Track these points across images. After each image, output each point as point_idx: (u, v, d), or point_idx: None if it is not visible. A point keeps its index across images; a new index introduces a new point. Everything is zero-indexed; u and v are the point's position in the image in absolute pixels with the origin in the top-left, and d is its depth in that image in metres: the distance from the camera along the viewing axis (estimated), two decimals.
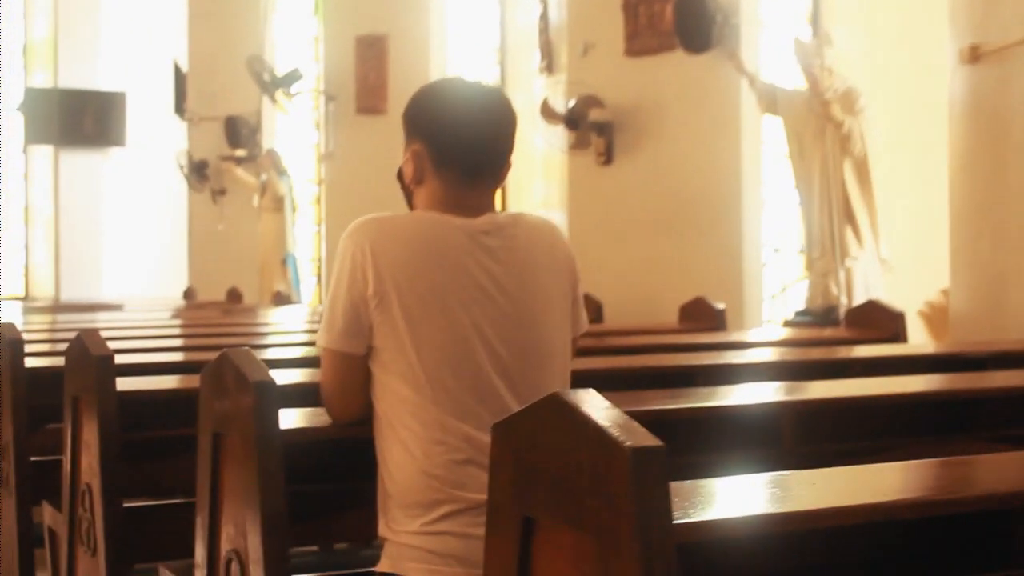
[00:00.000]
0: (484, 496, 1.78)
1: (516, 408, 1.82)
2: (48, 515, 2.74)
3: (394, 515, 1.84)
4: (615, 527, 1.14)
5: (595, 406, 1.22)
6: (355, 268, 1.84)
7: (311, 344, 4.18)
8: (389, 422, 1.85)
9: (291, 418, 1.95)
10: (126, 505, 2.36)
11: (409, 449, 1.82)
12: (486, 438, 1.79)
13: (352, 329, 1.85)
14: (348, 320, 1.85)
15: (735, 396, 2.48)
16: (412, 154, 1.92)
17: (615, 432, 1.16)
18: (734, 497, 1.33)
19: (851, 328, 4.51)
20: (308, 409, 2.01)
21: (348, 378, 1.88)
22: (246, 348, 1.90)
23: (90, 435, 2.42)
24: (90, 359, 2.38)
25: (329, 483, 2.00)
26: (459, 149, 1.88)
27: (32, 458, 2.89)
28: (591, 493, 1.18)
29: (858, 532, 1.41)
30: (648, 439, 1.16)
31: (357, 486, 1.93)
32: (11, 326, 3.05)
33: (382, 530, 1.88)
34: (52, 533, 2.72)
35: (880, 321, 4.39)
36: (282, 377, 2.27)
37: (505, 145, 1.92)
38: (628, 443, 1.14)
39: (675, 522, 1.15)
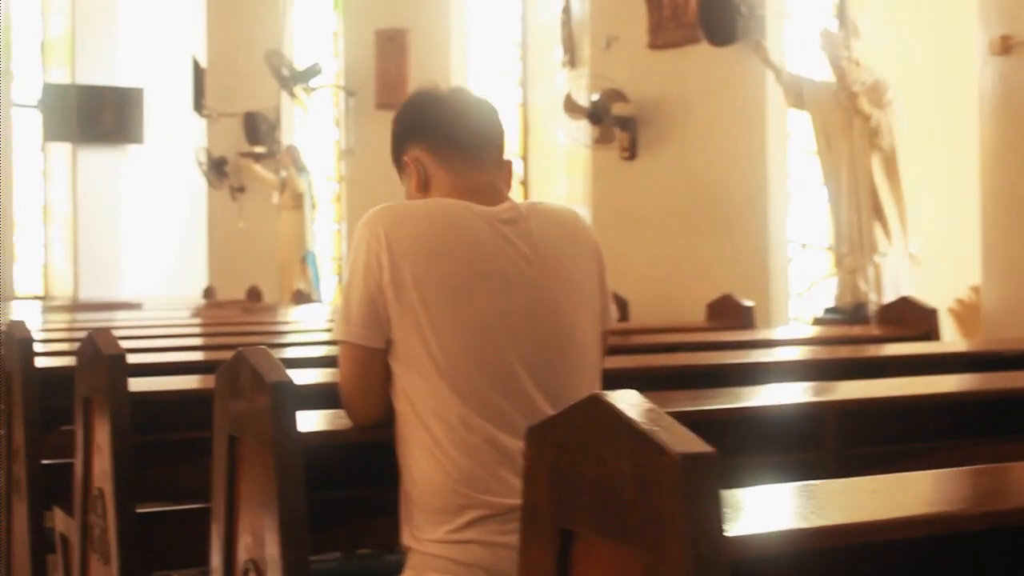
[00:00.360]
0: (511, 500, 1.70)
1: (543, 404, 1.74)
2: (60, 521, 2.66)
3: (418, 522, 1.75)
4: (663, 541, 1.05)
5: (638, 408, 1.12)
6: (370, 256, 1.75)
7: (332, 343, 4.10)
8: (409, 423, 1.75)
9: (310, 421, 1.86)
10: (140, 511, 2.28)
11: (431, 451, 1.72)
12: (512, 439, 1.71)
13: (370, 320, 1.75)
14: (365, 311, 1.75)
15: (772, 396, 2.37)
16: (412, 163, 1.86)
17: (662, 437, 1.06)
18: (788, 506, 1.23)
19: (883, 326, 4.39)
20: (328, 411, 1.92)
21: (368, 374, 1.78)
22: (263, 347, 1.81)
23: (102, 438, 2.34)
24: (102, 358, 2.30)
25: (350, 490, 1.91)
26: (457, 126, 1.84)
27: (45, 461, 2.81)
28: (636, 504, 1.08)
29: (918, 544, 1.31)
30: (698, 445, 1.06)
31: (380, 493, 1.83)
32: (21, 324, 2.98)
33: (406, 539, 1.78)
34: (64, 539, 2.64)
35: (912, 318, 4.28)
36: (301, 377, 2.18)
37: (498, 126, 1.90)
38: (677, 449, 1.05)
39: (728, 535, 1.05)
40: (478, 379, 1.72)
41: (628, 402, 1.13)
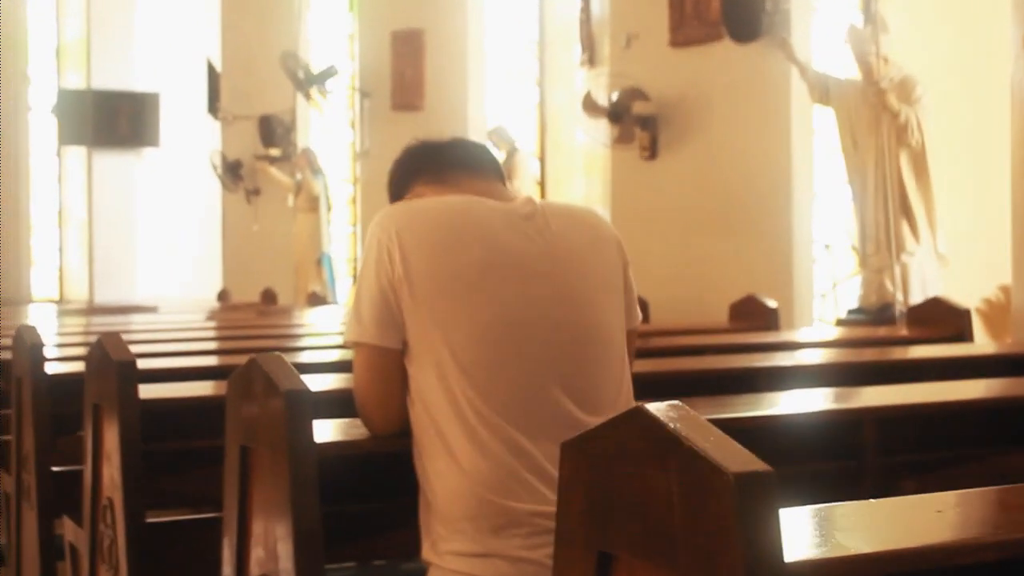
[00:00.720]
0: (536, 506, 1.60)
1: (568, 404, 1.63)
2: (69, 530, 2.58)
3: (438, 534, 1.65)
4: (715, 566, 0.95)
5: (686, 421, 1.02)
6: (381, 252, 1.66)
7: (345, 347, 4.01)
8: (426, 427, 1.65)
9: (326, 430, 1.77)
10: (151, 520, 2.19)
11: (450, 456, 1.61)
12: (534, 442, 1.60)
13: (383, 319, 1.65)
14: (378, 309, 1.65)
15: (807, 402, 2.27)
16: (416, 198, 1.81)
17: (715, 454, 0.96)
18: (848, 527, 1.13)
19: (913, 327, 4.27)
20: (344, 420, 1.82)
21: (383, 378, 1.68)
22: (276, 353, 1.72)
23: (111, 446, 2.25)
24: (111, 364, 2.22)
25: (366, 502, 1.81)
26: (459, 152, 1.85)
27: (55, 468, 2.73)
28: (685, 526, 0.98)
29: (987, 570, 1.20)
30: (754, 462, 0.96)
31: (398, 505, 1.74)
32: (32, 330, 2.90)
33: (426, 552, 1.68)
34: (73, 549, 2.56)
35: (943, 319, 4.15)
36: (317, 383, 2.09)
37: (497, 161, 1.91)
38: (732, 467, 0.95)
39: (788, 561, 0.95)
40: (498, 376, 1.62)
41: (674, 414, 1.04)
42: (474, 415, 1.61)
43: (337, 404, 1.99)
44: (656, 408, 1.04)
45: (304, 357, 3.44)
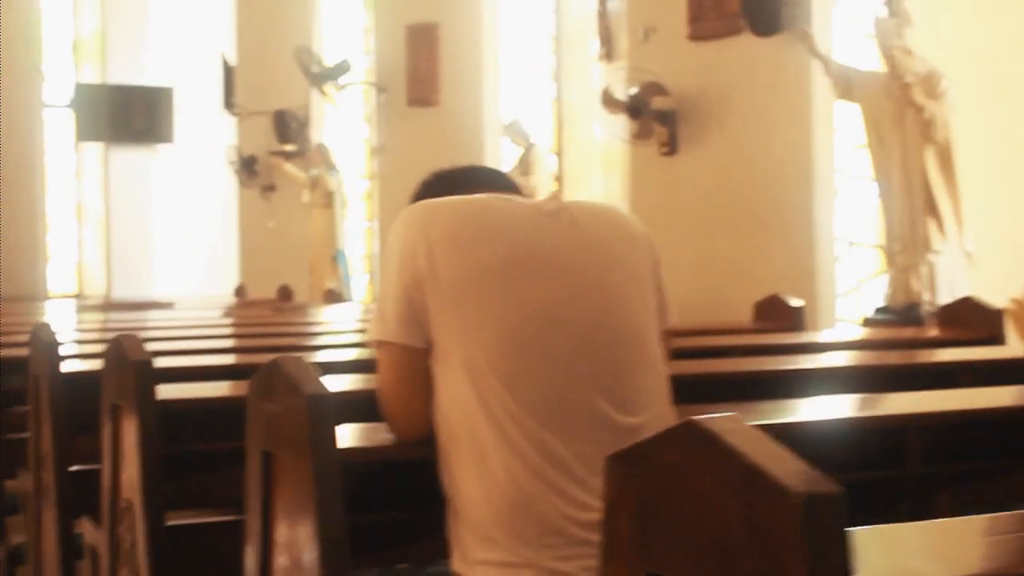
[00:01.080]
0: (572, 515, 1.53)
1: (603, 404, 1.57)
2: (88, 532, 2.54)
3: (468, 543, 1.59)
4: None
5: (745, 436, 0.96)
6: (406, 248, 1.61)
7: (366, 346, 3.97)
8: (453, 430, 1.58)
9: (350, 435, 1.71)
10: (171, 523, 2.15)
11: (479, 460, 1.55)
12: (567, 445, 1.53)
13: (407, 316, 1.60)
14: (402, 306, 1.60)
15: (844, 408, 2.20)
16: None
17: (779, 472, 0.90)
18: (917, 549, 1.06)
19: (943, 328, 4.19)
20: (367, 425, 1.76)
21: (409, 378, 1.62)
22: (298, 355, 1.66)
23: (130, 447, 2.21)
24: (128, 364, 2.17)
25: (393, 510, 1.75)
26: (472, 170, 1.89)
27: (74, 467, 2.69)
28: (743, 549, 0.92)
29: None
30: (822, 482, 0.90)
31: (425, 513, 1.68)
32: (47, 327, 2.86)
33: (455, 564, 1.62)
34: (93, 551, 2.51)
35: (975, 320, 4.07)
36: (336, 383, 2.04)
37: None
38: (799, 488, 0.88)
39: None
40: (528, 375, 1.56)
41: (732, 426, 0.97)
42: (506, 416, 1.55)
43: (356, 406, 1.93)
44: (712, 420, 0.98)
45: (321, 356, 3.38)
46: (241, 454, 2.06)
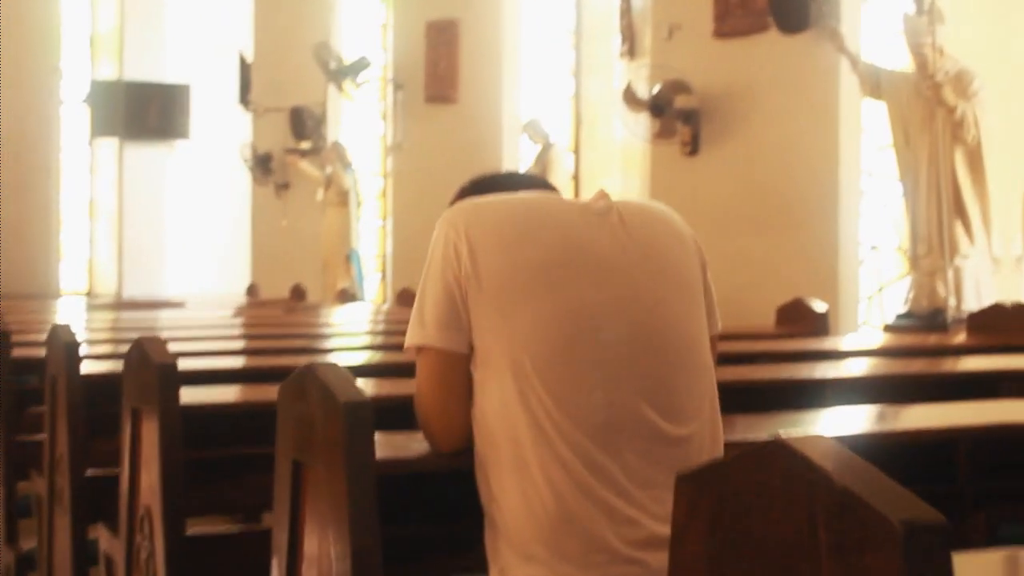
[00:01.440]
0: (618, 531, 1.44)
1: (650, 413, 1.48)
2: (104, 539, 2.47)
3: (508, 560, 1.50)
4: None
5: (837, 458, 0.88)
6: (447, 247, 1.53)
7: (382, 348, 3.91)
8: (494, 440, 1.50)
9: (382, 444, 1.63)
10: (191, 533, 2.07)
11: (520, 472, 1.47)
12: (614, 458, 1.45)
13: (448, 319, 1.52)
14: (442, 309, 1.52)
15: (890, 420, 2.11)
16: None
17: (876, 498, 0.82)
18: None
19: (974, 334, 4.09)
20: (400, 434, 1.68)
21: (448, 385, 1.53)
22: (332, 361, 1.58)
23: (150, 452, 2.13)
24: (151, 367, 2.10)
25: (427, 524, 1.67)
26: (508, 174, 1.84)
27: (90, 472, 2.62)
28: None
29: None
30: (925, 510, 0.81)
31: (463, 527, 1.60)
32: (66, 328, 2.79)
33: None
34: (108, 560, 2.44)
35: (1007, 326, 3.98)
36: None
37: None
38: (899, 515, 0.80)
39: None
40: (574, 381, 1.48)
41: (821, 447, 0.89)
42: (550, 425, 1.46)
43: (384, 413, 1.85)
44: (798, 440, 0.90)
45: (339, 359, 3.31)
46: (260, 460, 1.98)
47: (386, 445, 1.63)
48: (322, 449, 1.55)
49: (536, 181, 1.81)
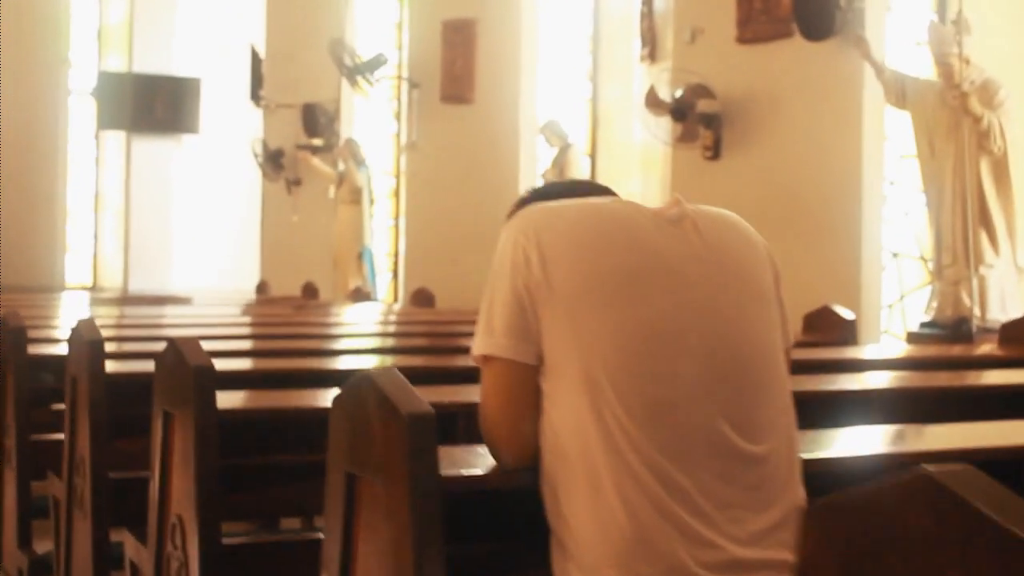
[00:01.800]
0: (695, 555, 1.37)
1: (727, 429, 1.41)
2: (130, 547, 2.39)
3: None
4: None
5: (992, 493, 0.80)
6: (517, 253, 1.47)
7: (394, 351, 3.84)
8: (564, 456, 1.43)
9: (445, 459, 1.55)
10: (228, 542, 2.00)
11: (593, 490, 1.40)
12: (690, 477, 1.38)
13: (517, 329, 1.45)
14: (512, 318, 1.46)
15: (951, 437, 2.04)
16: None
17: None
18: None
19: (1006, 346, 4.02)
20: (457, 448, 1.61)
21: (516, 398, 1.47)
22: (393, 368, 1.51)
23: (182, 458, 2.06)
24: (187, 370, 2.02)
25: (490, 542, 1.60)
26: (572, 182, 1.91)
27: (113, 475, 2.54)
28: None
29: None
30: None
31: (527, 546, 1.52)
32: (90, 324, 2.71)
33: None
34: (135, 568, 2.36)
35: None
36: None
37: None
38: None
39: None
40: (650, 396, 1.41)
41: (973, 481, 0.82)
42: (624, 440, 1.39)
43: None
44: (946, 473, 0.83)
45: (352, 361, 3.24)
46: (285, 468, 1.90)
47: (446, 459, 1.56)
48: (380, 462, 1.47)
49: (598, 188, 1.74)
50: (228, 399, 2.13)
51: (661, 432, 1.41)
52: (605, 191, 1.72)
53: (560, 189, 1.70)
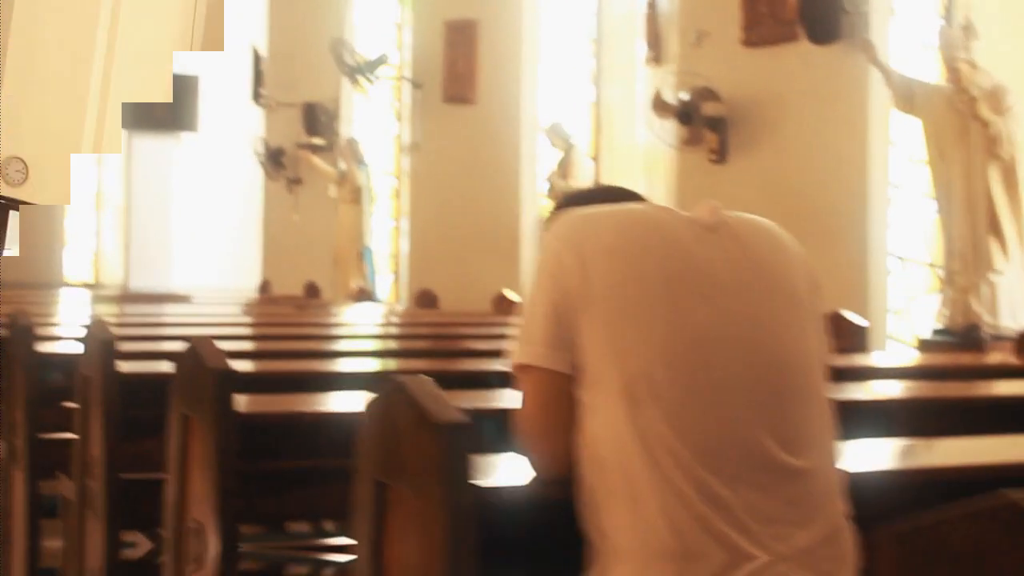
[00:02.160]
0: (737, 571, 1.35)
1: (767, 440, 1.38)
2: (142, 549, 2.36)
3: None
4: None
5: None
6: (557, 261, 1.46)
7: (403, 354, 3.82)
8: (603, 468, 1.41)
9: (478, 468, 1.52)
10: (245, 549, 1.98)
11: (633, 504, 1.38)
12: (732, 490, 1.35)
13: (555, 338, 1.44)
14: (551, 327, 1.45)
15: (980, 450, 2.02)
16: None
17: None
18: None
19: (1022, 354, 3.99)
20: (496, 456, 1.59)
21: (554, 408, 1.45)
22: (424, 375, 1.48)
23: (201, 462, 2.04)
24: (206, 372, 2.00)
25: (526, 553, 1.58)
26: (606, 187, 1.87)
27: (126, 476, 2.52)
28: None
29: None
30: None
31: (563, 558, 1.50)
32: (102, 324, 2.69)
33: None
34: (148, 569, 2.34)
35: None
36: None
37: None
38: None
39: None
40: (689, 406, 1.40)
41: None
42: (664, 452, 1.37)
43: None
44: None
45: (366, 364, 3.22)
46: (316, 473, 1.87)
47: (488, 469, 1.53)
48: (412, 472, 1.45)
49: (630, 193, 1.72)
50: (245, 403, 2.10)
51: (701, 444, 1.38)
52: (636, 196, 1.70)
53: (595, 194, 1.68)
